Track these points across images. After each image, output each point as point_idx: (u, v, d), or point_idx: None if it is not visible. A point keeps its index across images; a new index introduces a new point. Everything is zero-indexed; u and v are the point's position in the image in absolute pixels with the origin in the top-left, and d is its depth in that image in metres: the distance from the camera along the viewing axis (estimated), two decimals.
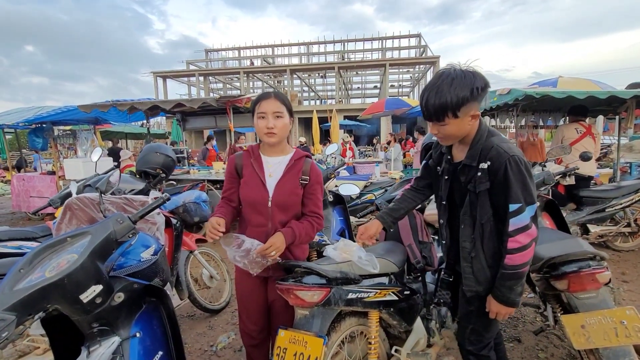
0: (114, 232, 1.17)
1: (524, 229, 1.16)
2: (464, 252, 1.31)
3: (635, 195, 3.75)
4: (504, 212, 1.19)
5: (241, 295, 1.63)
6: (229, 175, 1.56)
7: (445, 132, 1.21)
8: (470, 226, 1.28)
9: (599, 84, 5.15)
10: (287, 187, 1.47)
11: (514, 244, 1.18)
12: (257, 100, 1.46)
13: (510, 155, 1.15)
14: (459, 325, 1.52)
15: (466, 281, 1.32)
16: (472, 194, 1.25)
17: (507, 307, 1.25)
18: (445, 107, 1.13)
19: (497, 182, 1.18)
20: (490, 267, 1.27)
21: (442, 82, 1.14)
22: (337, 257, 1.42)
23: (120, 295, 1.18)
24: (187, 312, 2.88)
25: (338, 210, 3.27)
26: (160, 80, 21.18)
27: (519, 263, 1.19)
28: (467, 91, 1.11)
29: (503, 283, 1.22)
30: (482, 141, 1.22)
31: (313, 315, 1.38)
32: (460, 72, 1.15)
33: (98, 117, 6.60)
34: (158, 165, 2.47)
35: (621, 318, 1.41)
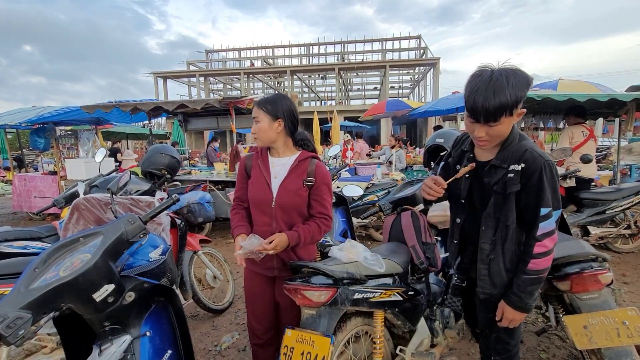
0: (125, 232, 1.19)
1: (550, 233, 1.17)
2: (482, 253, 1.29)
3: (635, 198, 3.77)
4: (531, 215, 1.19)
5: (249, 294, 1.66)
6: (240, 176, 1.61)
7: (497, 132, 1.16)
8: (492, 228, 1.26)
9: (598, 87, 5.19)
10: (291, 188, 1.48)
11: (540, 248, 1.18)
12: (253, 105, 1.55)
13: (546, 160, 1.16)
14: (482, 335, 1.49)
15: (481, 282, 1.31)
16: (499, 195, 1.23)
17: (523, 313, 1.25)
18: (504, 107, 1.08)
19: (530, 185, 1.17)
20: (507, 271, 1.26)
21: (497, 82, 1.08)
22: (344, 258, 1.44)
23: (131, 294, 1.20)
24: (190, 313, 2.89)
25: (340, 212, 3.29)
26: (161, 80, 21.21)
27: (543, 268, 1.20)
28: (525, 88, 1.09)
29: (524, 289, 1.22)
30: (515, 143, 1.21)
31: (320, 315, 1.40)
32: (510, 70, 1.11)
33: (100, 117, 6.62)
34: (163, 166, 2.49)
35: (623, 318, 1.43)
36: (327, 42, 22.69)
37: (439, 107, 7.33)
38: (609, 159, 8.34)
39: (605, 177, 5.44)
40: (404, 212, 2.00)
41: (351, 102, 27.41)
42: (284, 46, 23.63)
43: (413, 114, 8.08)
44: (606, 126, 16.19)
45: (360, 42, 22.36)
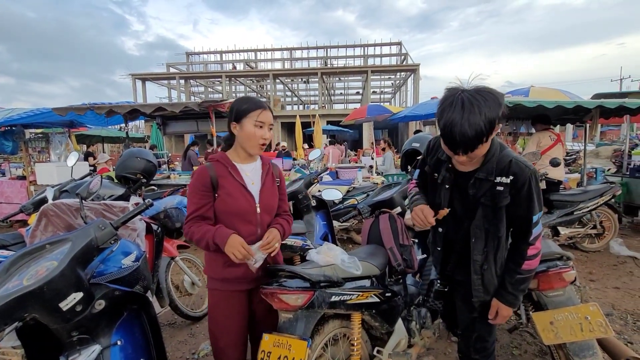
0: (95, 238, 1.16)
1: (539, 235, 1.27)
2: (475, 265, 1.31)
3: (600, 199, 3.99)
4: (524, 223, 1.24)
5: (221, 319, 1.47)
6: (203, 189, 1.37)
7: (478, 154, 1.16)
8: (482, 240, 1.28)
9: (567, 94, 5.47)
10: (271, 191, 1.50)
11: (533, 250, 1.26)
12: (255, 107, 1.37)
13: (532, 170, 1.20)
14: (463, 336, 1.54)
15: (475, 292, 1.35)
16: (487, 207, 1.24)
17: (513, 308, 1.33)
18: (481, 136, 1.07)
19: (521, 196, 1.19)
20: (498, 277, 1.33)
21: (470, 113, 1.05)
22: (321, 261, 1.45)
23: (101, 302, 1.17)
24: (167, 320, 2.82)
25: (321, 215, 3.31)
26: (139, 82, 20.69)
27: (534, 267, 1.29)
28: (497, 111, 1.07)
29: (518, 287, 1.29)
30: (497, 154, 1.21)
31: (297, 318, 1.40)
32: (478, 95, 1.07)
33: (73, 120, 6.39)
34: (138, 170, 2.43)
35: (585, 314, 1.51)
36: (310, 47, 22.84)
37: (418, 112, 7.49)
38: (577, 162, 8.77)
39: (574, 180, 5.73)
40: (381, 215, 2.04)
41: (334, 106, 27.62)
42: (267, 50, 23.59)
43: (393, 118, 8.23)
44: (576, 131, 17.05)
45: (343, 47, 22.64)
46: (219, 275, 1.44)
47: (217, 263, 1.43)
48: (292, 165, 7.39)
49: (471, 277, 1.34)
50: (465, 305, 1.44)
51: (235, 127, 1.40)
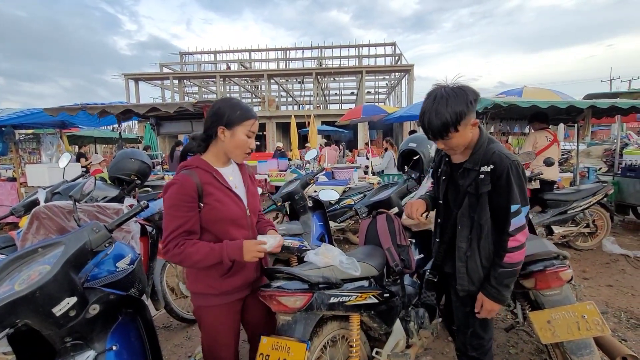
0: (89, 241, 1.13)
1: (521, 228, 1.27)
2: (460, 252, 1.37)
3: (593, 198, 4.03)
4: (503, 213, 1.28)
5: (214, 334, 1.41)
6: (189, 200, 1.24)
7: (452, 144, 1.30)
8: (467, 227, 1.35)
9: (559, 94, 5.53)
10: (254, 193, 1.48)
11: (514, 242, 1.28)
12: (249, 116, 1.32)
13: (512, 161, 1.26)
14: (459, 331, 1.56)
15: (460, 280, 1.39)
16: (472, 196, 1.33)
17: (500, 304, 1.34)
18: (447, 125, 1.23)
19: (500, 184, 1.26)
20: (484, 268, 1.35)
21: (438, 104, 1.23)
22: (319, 262, 1.44)
23: (95, 307, 1.14)
24: (163, 323, 2.78)
25: (317, 216, 3.30)
26: (132, 82, 20.48)
27: (517, 261, 1.30)
28: (464, 106, 1.22)
29: (501, 281, 1.31)
30: (484, 147, 1.32)
31: (295, 320, 1.39)
32: (451, 90, 1.24)
33: (65, 120, 6.29)
34: (133, 171, 2.39)
35: (582, 312, 1.52)
36: (305, 47, 22.82)
37: (413, 112, 7.53)
38: (569, 162, 8.88)
39: (567, 179, 5.79)
40: (379, 216, 2.03)
41: (329, 106, 27.64)
42: (261, 50, 23.52)
43: (388, 118, 8.25)
44: (567, 131, 17.27)
45: (337, 48, 22.66)
46: (218, 289, 1.34)
47: (212, 278, 1.33)
48: (287, 166, 7.37)
49: (456, 264, 1.39)
50: (459, 299, 1.48)
51: (223, 132, 1.30)
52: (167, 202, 1.27)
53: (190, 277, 1.40)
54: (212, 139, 1.35)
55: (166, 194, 1.27)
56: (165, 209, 1.27)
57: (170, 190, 1.26)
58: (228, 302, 1.37)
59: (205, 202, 1.28)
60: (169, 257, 1.27)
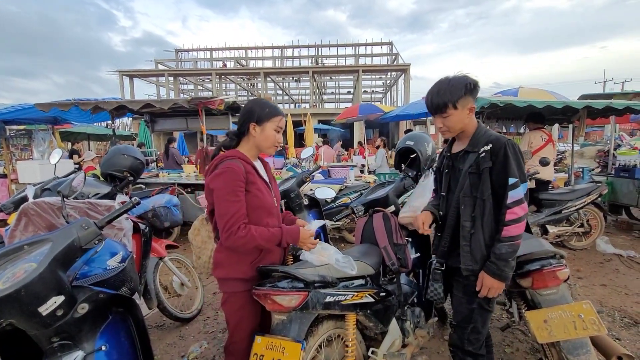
0: (77, 238, 1.10)
1: (519, 202, 1.32)
2: (464, 230, 1.42)
3: (587, 198, 4.06)
4: (502, 189, 1.34)
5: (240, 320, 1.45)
6: (242, 185, 1.35)
7: (450, 122, 1.42)
8: (470, 205, 1.41)
9: (554, 94, 5.56)
10: (275, 185, 1.63)
11: (511, 215, 1.32)
12: (278, 113, 1.48)
13: (507, 140, 1.37)
14: (457, 327, 1.55)
15: (463, 259, 1.42)
16: (474, 175, 1.41)
17: (500, 281, 1.35)
18: (446, 101, 1.38)
19: (498, 161, 1.35)
20: (487, 246, 1.39)
21: (442, 84, 1.40)
22: (315, 261, 1.42)
23: (84, 306, 1.11)
24: (156, 322, 2.74)
25: (313, 214, 3.27)
26: (127, 79, 20.25)
27: (515, 234, 1.32)
28: (462, 86, 1.36)
29: (499, 255, 1.34)
30: (482, 133, 1.44)
31: (291, 320, 1.36)
32: (455, 75, 1.42)
33: (57, 116, 6.19)
34: (125, 168, 2.34)
35: (579, 312, 1.51)
36: (301, 45, 22.73)
37: (409, 111, 7.53)
38: (564, 162, 8.95)
39: (561, 179, 5.83)
40: (375, 214, 2.02)
41: (325, 105, 27.59)
42: (258, 48, 23.39)
43: (385, 117, 8.25)
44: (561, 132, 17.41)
45: (334, 46, 22.60)
46: (249, 274, 1.42)
47: (244, 263, 1.41)
48: (283, 164, 7.33)
49: (460, 244, 1.43)
50: (465, 296, 1.49)
51: (254, 127, 1.44)
52: (224, 188, 1.32)
53: (223, 264, 1.44)
54: (244, 135, 1.49)
55: (219, 182, 1.33)
56: (223, 196, 1.32)
57: (224, 177, 1.33)
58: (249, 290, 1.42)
59: (248, 190, 1.38)
60: (233, 241, 1.30)
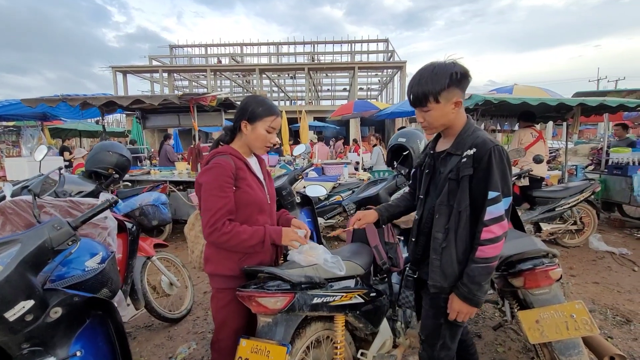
0: (49, 239, 1.04)
1: (498, 219, 1.15)
2: (435, 243, 1.25)
3: (580, 196, 4.06)
4: (481, 200, 1.17)
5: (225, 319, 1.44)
6: (230, 181, 1.33)
7: (431, 117, 1.24)
8: (445, 215, 1.24)
9: (548, 92, 5.55)
10: (271, 183, 1.59)
11: (487, 234, 1.15)
12: (271, 113, 1.42)
13: (495, 145, 1.18)
14: (425, 343, 1.39)
15: (432, 274, 1.26)
16: (453, 182, 1.23)
17: (471, 306, 1.19)
18: (427, 92, 1.19)
19: (480, 169, 1.17)
20: (459, 263, 1.22)
21: (424, 71, 1.21)
22: (303, 261, 1.38)
23: (57, 310, 1.06)
24: (144, 323, 2.69)
25: (306, 212, 3.23)
26: (120, 75, 19.96)
27: (490, 256, 1.16)
28: (447, 76, 1.16)
29: (472, 279, 1.17)
30: (469, 133, 1.25)
31: (276, 322, 1.32)
32: (441, 62, 1.21)
33: (46, 112, 6.07)
34: (110, 165, 2.27)
35: (571, 312, 1.49)
36: (297, 42, 22.58)
37: (405, 108, 7.49)
38: (557, 159, 8.99)
39: (555, 177, 5.84)
40: None
41: (321, 102, 27.48)
42: (253, 44, 23.20)
43: (380, 114, 8.21)
44: (555, 130, 17.51)
45: (330, 43, 22.47)
46: (237, 271, 1.39)
47: (232, 260, 1.39)
48: (277, 161, 7.28)
49: (430, 257, 1.27)
50: (432, 309, 1.33)
51: (246, 125, 1.41)
52: (210, 183, 1.31)
53: (211, 260, 1.42)
54: (238, 131, 1.46)
55: (206, 177, 1.32)
56: (209, 191, 1.31)
57: (213, 173, 1.32)
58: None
59: (238, 186, 1.37)
60: (217, 237, 1.28)
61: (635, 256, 3.94)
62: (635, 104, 4.34)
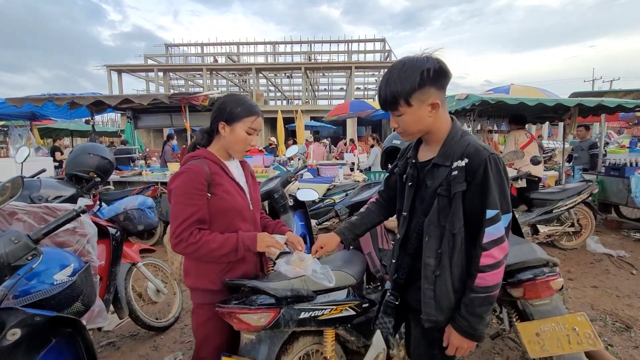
0: (5, 254, 0.95)
1: (499, 241, 0.99)
2: (427, 270, 1.06)
3: (578, 197, 4.01)
4: (477, 219, 1.01)
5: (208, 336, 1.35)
6: (201, 188, 1.23)
7: (404, 122, 1.07)
8: (437, 238, 1.05)
9: (545, 92, 5.49)
10: (255, 188, 1.49)
11: (488, 259, 0.99)
12: (250, 113, 1.31)
13: (490, 154, 1.01)
14: None
15: (425, 308, 1.06)
16: (443, 198, 1.04)
17: (472, 341, 1.04)
18: (396, 94, 1.02)
19: (475, 183, 1.00)
20: (456, 292, 1.04)
21: (394, 69, 1.03)
22: (290, 272, 1.29)
23: (15, 331, 0.96)
24: (129, 332, 2.59)
25: (299, 215, 3.14)
26: (115, 74, 19.76)
27: (492, 284, 0.99)
28: (417, 75, 0.99)
29: (472, 310, 1.00)
30: (457, 139, 1.07)
31: (260, 340, 1.23)
32: (412, 57, 1.03)
33: (35, 112, 5.93)
34: (91, 168, 2.17)
35: (573, 325, 1.41)
36: (294, 41, 22.50)
37: None
38: (554, 160, 8.96)
39: (552, 177, 5.80)
40: None
41: (318, 102, 27.39)
42: (249, 43, 23.08)
43: (376, 114, 8.14)
44: (551, 130, 17.55)
45: (327, 43, 22.43)
46: (218, 285, 1.30)
47: (212, 272, 1.30)
48: (272, 162, 7.18)
49: (421, 286, 1.07)
50: (424, 339, 1.16)
51: (224, 127, 1.31)
52: (178, 190, 1.23)
53: (190, 273, 1.34)
54: (215, 134, 1.37)
55: (175, 183, 1.24)
56: (176, 198, 1.23)
57: (182, 178, 1.23)
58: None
59: (214, 193, 1.28)
60: (183, 247, 1.21)
61: (633, 258, 3.89)
62: (634, 105, 4.30)
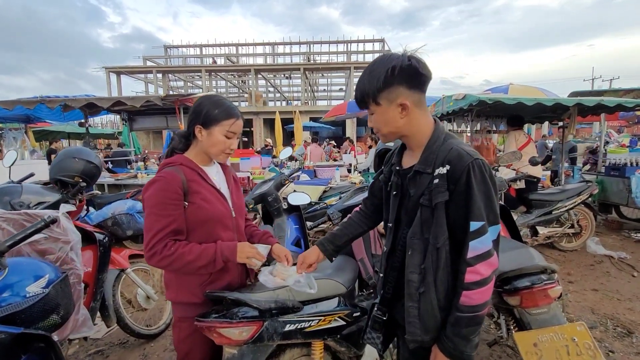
0: None
1: (485, 256, 0.91)
2: (410, 287, 0.98)
3: (578, 198, 3.95)
4: (461, 232, 0.93)
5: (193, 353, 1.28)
6: (176, 197, 1.15)
7: (375, 122, 1.04)
8: (420, 252, 0.98)
9: (544, 92, 5.44)
10: (238, 195, 1.42)
11: (473, 275, 0.91)
12: (228, 116, 1.23)
13: (474, 159, 0.92)
14: None
15: (409, 327, 0.99)
16: (426, 209, 0.97)
17: None
18: (363, 92, 1.00)
19: (458, 192, 0.92)
20: (442, 310, 0.96)
21: (368, 66, 1.01)
22: (272, 283, 1.22)
23: None
24: (119, 339, 2.52)
25: (293, 218, 3.08)
26: (114, 76, 19.74)
27: (478, 303, 0.91)
28: (382, 73, 0.95)
29: (458, 331, 0.93)
30: (439, 144, 0.99)
31: (242, 354, 1.17)
32: (387, 55, 0.99)
33: (29, 114, 5.88)
34: (76, 172, 2.11)
35: (572, 335, 1.36)
36: (293, 42, 22.48)
37: None
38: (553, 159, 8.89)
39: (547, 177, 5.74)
40: None
41: (317, 102, 27.36)
42: (248, 44, 23.06)
43: None
44: (550, 129, 17.47)
45: (326, 43, 22.40)
46: (200, 297, 1.23)
47: (194, 284, 1.23)
48: (269, 164, 7.13)
49: (405, 304, 1.00)
50: (413, 357, 1.09)
51: (200, 131, 1.23)
52: (150, 200, 1.15)
53: (171, 286, 1.27)
54: (192, 138, 1.28)
55: (148, 192, 1.16)
56: (149, 208, 1.15)
57: (154, 188, 1.15)
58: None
59: (191, 201, 1.20)
60: (157, 261, 1.13)
61: (634, 260, 3.83)
62: (634, 104, 4.24)
